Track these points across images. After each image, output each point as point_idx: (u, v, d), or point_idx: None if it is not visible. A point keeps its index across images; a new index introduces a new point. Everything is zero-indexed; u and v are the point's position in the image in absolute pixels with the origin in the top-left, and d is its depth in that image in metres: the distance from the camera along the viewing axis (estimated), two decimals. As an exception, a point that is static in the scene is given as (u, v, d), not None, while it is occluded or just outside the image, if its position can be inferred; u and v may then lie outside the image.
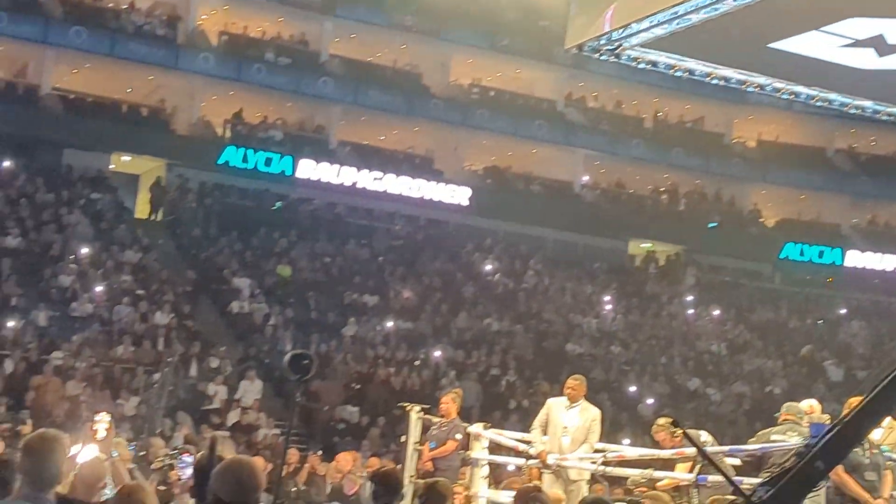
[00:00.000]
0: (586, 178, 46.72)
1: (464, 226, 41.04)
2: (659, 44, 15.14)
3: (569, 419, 12.74)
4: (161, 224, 36.28)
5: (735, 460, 11.32)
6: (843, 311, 43.82)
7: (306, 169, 39.11)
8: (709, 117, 48.45)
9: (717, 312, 40.66)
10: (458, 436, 13.66)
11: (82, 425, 8.19)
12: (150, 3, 40.34)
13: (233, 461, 5.44)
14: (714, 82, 16.71)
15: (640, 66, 15.83)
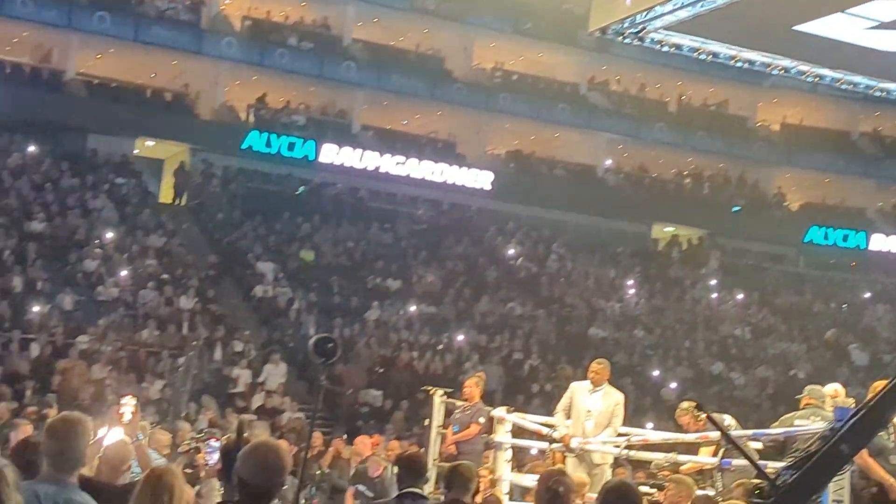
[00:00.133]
0: (609, 162, 46.61)
1: (486, 210, 41.01)
2: (683, 26, 15.11)
3: (592, 403, 12.74)
4: (185, 209, 36.39)
5: (757, 444, 11.29)
6: (867, 294, 43.64)
7: (329, 153, 39.14)
8: (733, 101, 48.23)
9: (740, 296, 40.54)
10: (482, 419, 13.68)
11: (108, 408, 8.23)
12: (174, -12, 40.46)
13: (259, 444, 5.46)
14: (738, 65, 16.66)
15: (664, 49, 15.81)
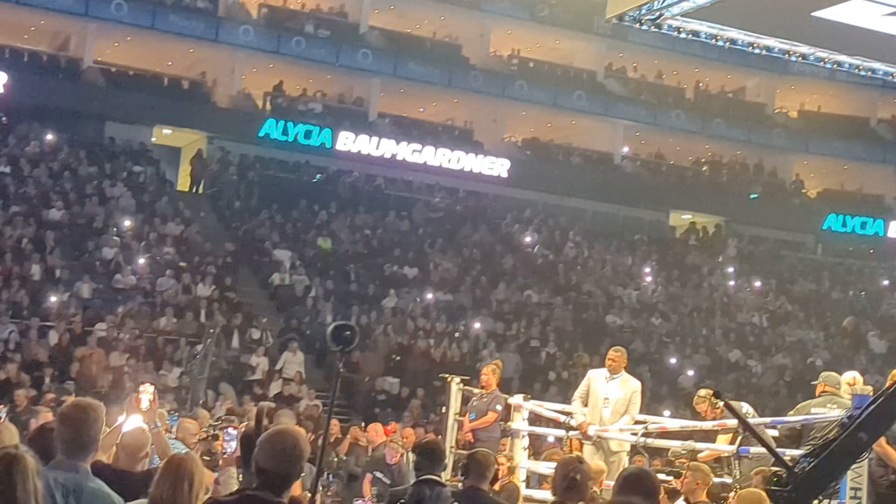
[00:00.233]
0: (626, 150, 46.54)
1: (503, 197, 40.99)
2: (700, 13, 15.07)
3: (609, 391, 12.75)
4: (202, 197, 36.46)
5: (774, 432, 11.29)
6: (885, 282, 43.48)
7: (346, 141, 39.16)
8: (750, 87, 48.09)
9: (758, 284, 40.45)
10: (499, 407, 13.69)
11: (126, 396, 8.27)
12: (191, -24, 40.49)
13: (277, 431, 5.48)
14: (756, 52, 16.59)
15: (682, 35, 15.75)
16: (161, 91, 38.92)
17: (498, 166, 41.15)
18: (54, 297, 26.10)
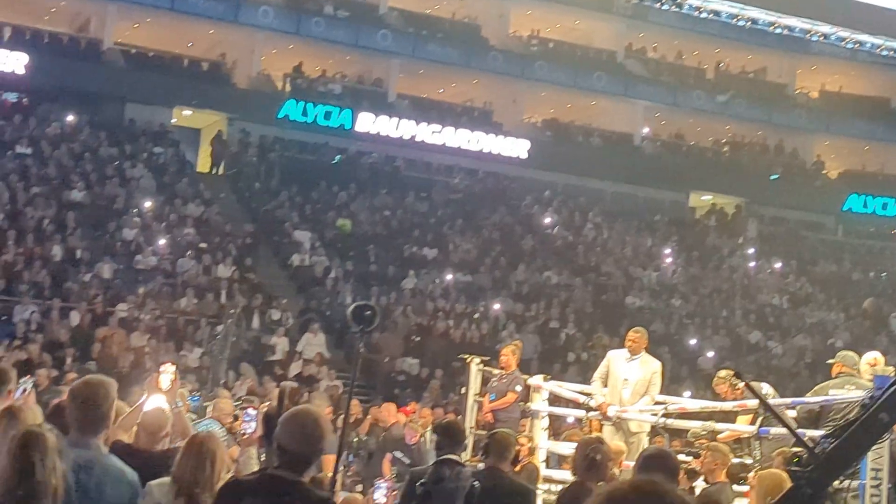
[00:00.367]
0: (646, 130, 46.37)
1: (523, 178, 40.91)
2: (721, -7, 14.99)
3: (629, 371, 12.72)
4: (222, 178, 36.53)
5: (792, 413, 11.27)
6: (906, 263, 43.35)
7: (365, 122, 39.15)
8: (771, 68, 47.82)
9: (778, 265, 40.33)
10: (518, 387, 13.71)
11: (147, 376, 8.29)
12: (210, -44, 40.46)
13: (298, 411, 5.50)
14: (777, 31, 16.52)
15: (702, 15, 15.68)
16: (181, 72, 38.95)
17: (517, 147, 41.09)
18: (76, 277, 26.19)
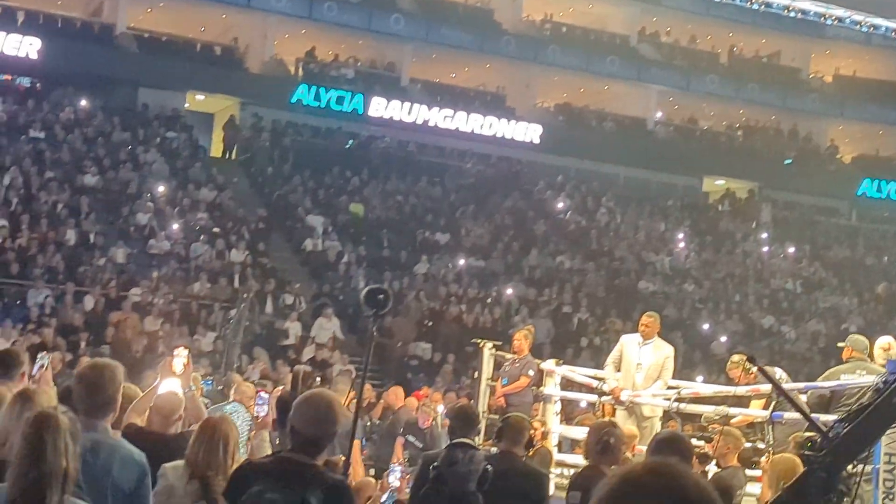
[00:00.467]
0: (660, 115, 46.28)
1: (535, 163, 40.87)
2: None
3: (642, 356, 12.72)
4: (235, 162, 36.58)
5: (802, 398, 11.25)
6: (920, 248, 43.21)
7: (378, 107, 39.12)
8: (785, 52, 47.68)
9: (792, 250, 40.24)
10: (531, 372, 13.71)
11: (160, 360, 8.32)
12: (223, -59, 40.43)
13: (312, 395, 5.51)
14: (791, 15, 16.44)
15: (716, -1, 15.60)
16: (194, 57, 38.99)
17: (530, 132, 41.03)
18: (89, 262, 26.25)
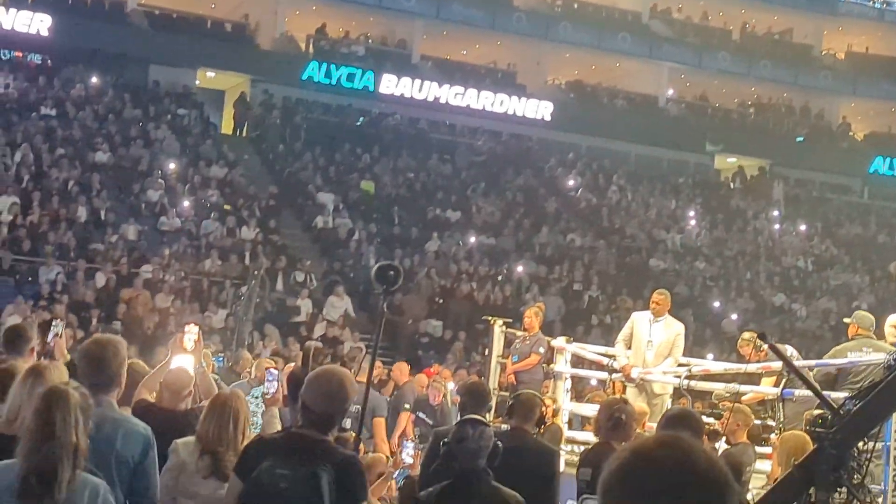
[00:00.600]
0: (671, 92, 46.15)
1: (546, 141, 40.82)
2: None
3: (653, 333, 12.71)
4: (246, 140, 36.58)
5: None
6: (933, 225, 43.08)
7: (388, 84, 39.07)
8: (797, 28, 47.49)
9: (803, 227, 40.16)
10: (541, 349, 13.71)
11: (171, 337, 8.34)
12: (233, -83, 40.35)
13: (323, 371, 5.52)
14: (804, -8, 16.35)
15: (729, -24, 15.53)
16: (204, 34, 38.96)
17: (541, 109, 40.95)
18: (101, 239, 26.29)
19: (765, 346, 11.01)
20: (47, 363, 6.02)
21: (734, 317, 31.46)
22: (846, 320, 11.62)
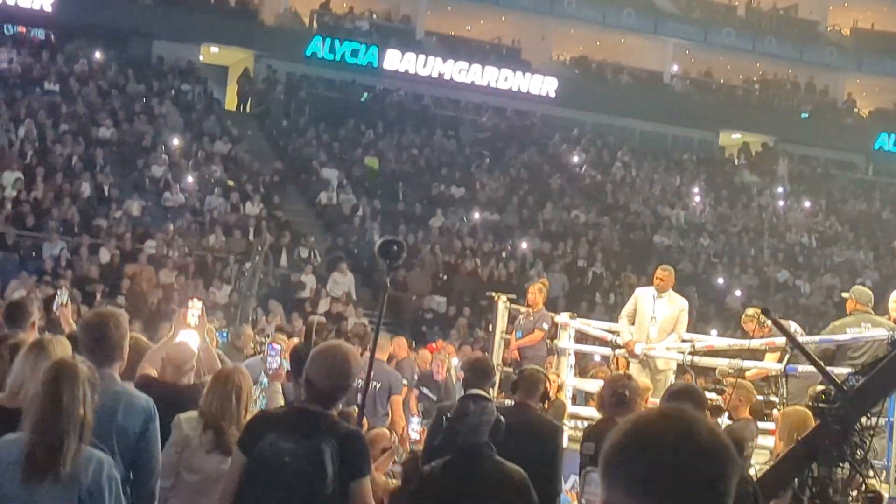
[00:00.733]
0: (676, 68, 46.02)
1: (551, 117, 40.75)
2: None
3: (657, 309, 12.70)
4: (250, 115, 36.53)
5: (809, 351, 11.26)
6: (937, 202, 43.00)
7: (393, 60, 38.97)
8: (803, 4, 47.34)
9: (807, 204, 40.11)
10: (545, 325, 13.70)
11: (175, 312, 8.33)
12: None
13: (328, 347, 5.51)
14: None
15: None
16: (208, 9, 38.80)
17: (546, 85, 40.85)
18: (105, 214, 26.28)
19: (768, 322, 11.02)
20: (51, 337, 6.01)
21: (738, 293, 31.45)
22: (844, 295, 11.63)
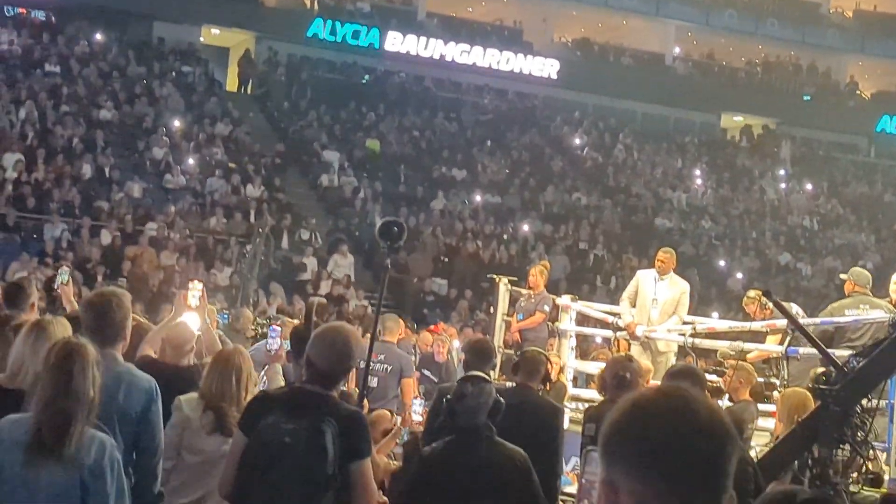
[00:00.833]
0: (678, 50, 45.93)
1: (553, 99, 40.69)
2: None
3: (658, 291, 12.70)
4: (251, 97, 36.47)
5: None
6: (940, 185, 42.95)
7: (394, 42, 38.90)
8: (805, -14, 47.25)
9: (809, 186, 40.09)
10: (546, 307, 13.71)
11: (176, 294, 8.35)
12: None
13: (329, 328, 5.51)
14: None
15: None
16: (209, -10, 38.75)
17: (547, 67, 40.78)
18: (106, 196, 26.27)
19: (770, 304, 11.02)
20: (51, 318, 6.01)
21: (739, 275, 31.45)
22: (842, 276, 11.62)
